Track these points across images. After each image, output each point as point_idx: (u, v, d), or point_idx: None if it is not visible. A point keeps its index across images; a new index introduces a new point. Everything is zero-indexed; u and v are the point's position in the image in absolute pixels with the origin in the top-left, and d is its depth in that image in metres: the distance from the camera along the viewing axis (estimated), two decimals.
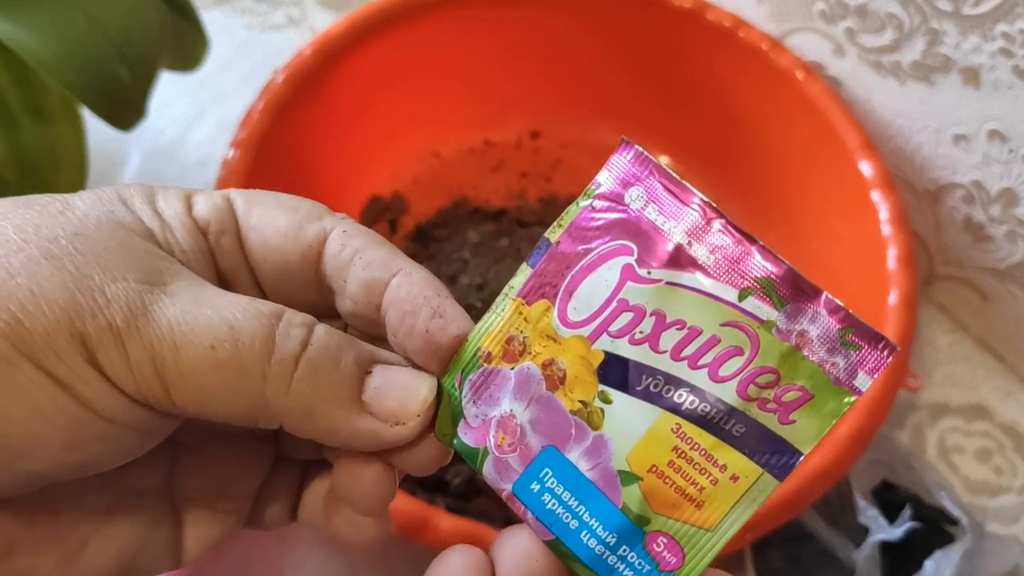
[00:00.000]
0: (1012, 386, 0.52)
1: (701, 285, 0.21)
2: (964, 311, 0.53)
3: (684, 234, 0.21)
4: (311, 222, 0.23)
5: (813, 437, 0.21)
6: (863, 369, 0.21)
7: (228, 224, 0.23)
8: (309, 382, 0.20)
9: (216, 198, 0.23)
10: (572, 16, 0.53)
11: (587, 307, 0.22)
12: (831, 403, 0.21)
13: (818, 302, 0.21)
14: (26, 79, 0.41)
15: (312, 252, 0.23)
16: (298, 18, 0.64)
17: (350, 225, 0.23)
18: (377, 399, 0.21)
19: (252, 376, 0.20)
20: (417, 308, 0.22)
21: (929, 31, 0.44)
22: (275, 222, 0.23)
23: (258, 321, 0.20)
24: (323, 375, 0.21)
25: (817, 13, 0.48)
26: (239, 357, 0.20)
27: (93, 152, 0.46)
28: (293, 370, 0.20)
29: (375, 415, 0.21)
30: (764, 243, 0.21)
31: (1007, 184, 0.46)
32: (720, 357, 0.21)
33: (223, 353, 0.20)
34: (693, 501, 0.21)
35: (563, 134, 0.57)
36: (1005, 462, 0.50)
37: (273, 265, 0.23)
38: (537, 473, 0.22)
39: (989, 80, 0.43)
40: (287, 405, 0.20)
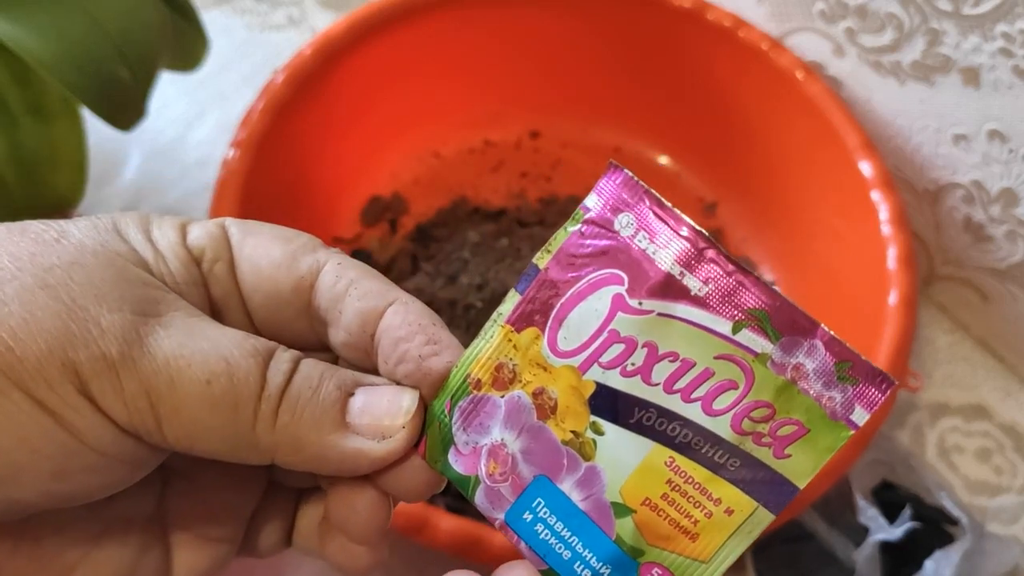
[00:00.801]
0: (1012, 386, 0.52)
1: (694, 317, 0.21)
2: (964, 311, 0.53)
3: (675, 263, 0.21)
4: (305, 254, 0.23)
5: (809, 471, 0.21)
6: (860, 404, 0.20)
7: (222, 252, 0.23)
8: (292, 413, 0.21)
9: (211, 226, 0.23)
10: (572, 16, 0.53)
11: (577, 337, 0.21)
12: (827, 438, 0.20)
13: (814, 335, 0.20)
14: (26, 79, 0.41)
15: (305, 283, 0.23)
16: (298, 18, 0.64)
17: (344, 258, 0.23)
18: (361, 417, 0.21)
19: (245, 413, 0.20)
20: (411, 335, 0.22)
21: (929, 31, 0.44)
22: (269, 252, 0.23)
23: (253, 358, 0.21)
24: (305, 403, 0.21)
25: (817, 13, 0.48)
26: (235, 393, 0.20)
27: (93, 152, 0.46)
28: (278, 405, 0.21)
29: (361, 434, 0.21)
30: (759, 275, 0.21)
31: (1007, 184, 0.46)
32: (714, 391, 0.21)
33: (218, 389, 0.20)
34: (687, 533, 0.21)
35: (563, 134, 0.57)
36: (1005, 462, 0.50)
37: (264, 295, 0.23)
38: (529, 503, 0.22)
39: (989, 80, 0.43)
40: (275, 440, 0.21)
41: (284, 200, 0.48)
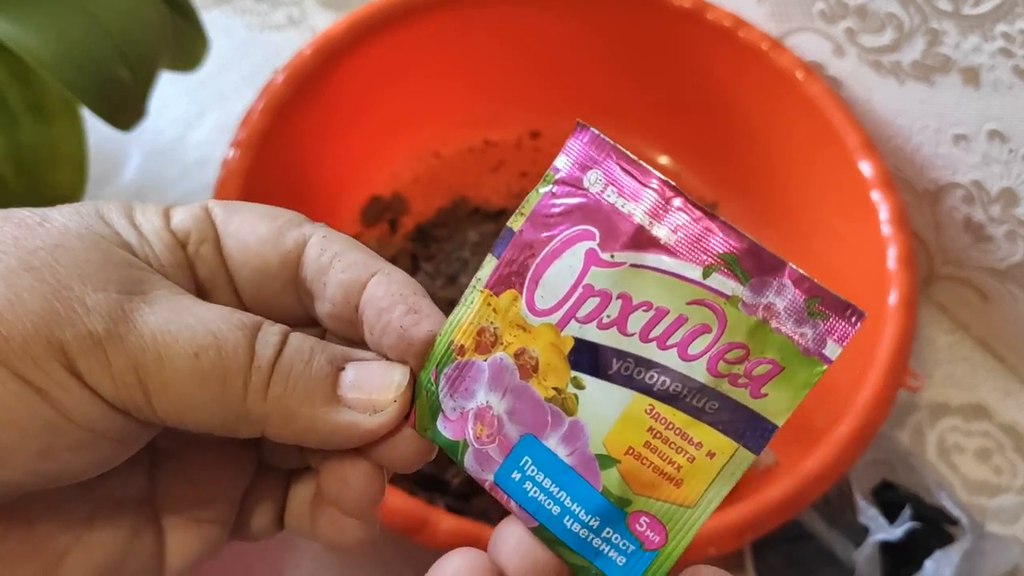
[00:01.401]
0: (1012, 386, 0.52)
1: (665, 265, 0.21)
2: (964, 311, 0.53)
3: (645, 215, 0.21)
4: (291, 229, 0.23)
5: (786, 408, 0.21)
6: (832, 338, 0.21)
7: (207, 233, 0.23)
8: (284, 385, 0.21)
9: (195, 209, 0.23)
10: (573, 16, 0.53)
11: (553, 294, 0.22)
12: (802, 374, 0.21)
13: (783, 274, 0.21)
14: (26, 78, 0.41)
15: (291, 257, 0.23)
16: (298, 18, 0.64)
17: (328, 231, 0.24)
18: (352, 391, 0.22)
19: (234, 385, 0.20)
20: (392, 305, 0.22)
21: (929, 31, 0.44)
22: (255, 229, 0.23)
23: (240, 331, 0.21)
24: (297, 376, 0.21)
25: (817, 13, 0.48)
26: (223, 366, 0.20)
27: (93, 152, 0.46)
28: (270, 376, 0.21)
29: (352, 407, 0.21)
30: (724, 219, 0.21)
31: (1007, 184, 0.46)
32: (688, 336, 0.21)
33: (207, 362, 0.20)
34: (672, 480, 0.21)
35: (563, 134, 0.56)
36: (1005, 462, 0.50)
37: (252, 270, 0.23)
38: (517, 462, 0.22)
39: (989, 80, 0.43)
40: (266, 411, 0.21)
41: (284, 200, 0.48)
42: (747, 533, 0.38)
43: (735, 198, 0.54)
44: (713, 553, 0.37)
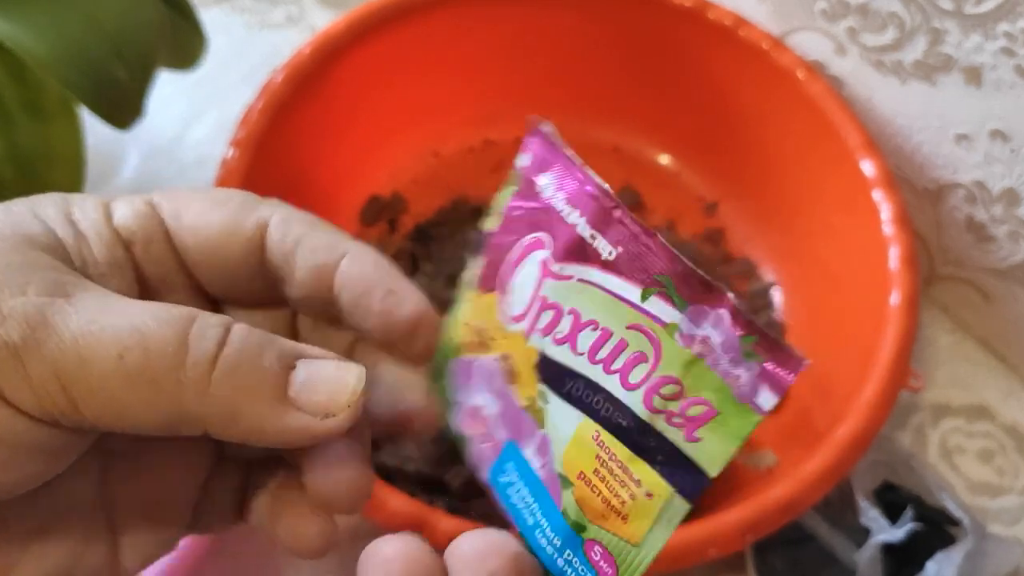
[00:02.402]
0: (1014, 387, 0.52)
1: (607, 283, 0.19)
2: (966, 311, 0.53)
3: (587, 225, 0.20)
4: (247, 213, 0.22)
5: (720, 459, 0.19)
6: (766, 385, 0.18)
7: (155, 231, 0.22)
8: (229, 383, 0.19)
9: (138, 204, 0.22)
10: (573, 15, 0.53)
11: (520, 302, 0.21)
12: (736, 421, 0.18)
13: (721, 303, 0.18)
14: (23, 77, 0.40)
15: (253, 244, 0.22)
16: (297, 17, 0.64)
17: (286, 211, 0.23)
18: (305, 393, 0.20)
19: (166, 384, 0.19)
20: (370, 288, 0.22)
21: (931, 30, 0.44)
22: (209, 219, 0.22)
23: (170, 326, 0.19)
24: (244, 374, 0.20)
25: (818, 12, 0.48)
26: (150, 365, 0.19)
27: (91, 151, 0.46)
28: (210, 372, 0.19)
29: (304, 409, 0.20)
30: (662, 237, 0.19)
31: (1009, 184, 0.46)
32: (629, 363, 0.19)
33: (133, 362, 0.19)
34: (619, 514, 0.19)
35: (563, 133, 0.56)
36: (1007, 463, 0.50)
37: (214, 262, 0.22)
38: (503, 465, 0.21)
39: (991, 79, 0.43)
40: (207, 410, 0.19)
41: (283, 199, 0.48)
42: (748, 534, 0.38)
43: (735, 198, 0.54)
44: (713, 554, 0.37)
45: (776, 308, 0.51)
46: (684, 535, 0.37)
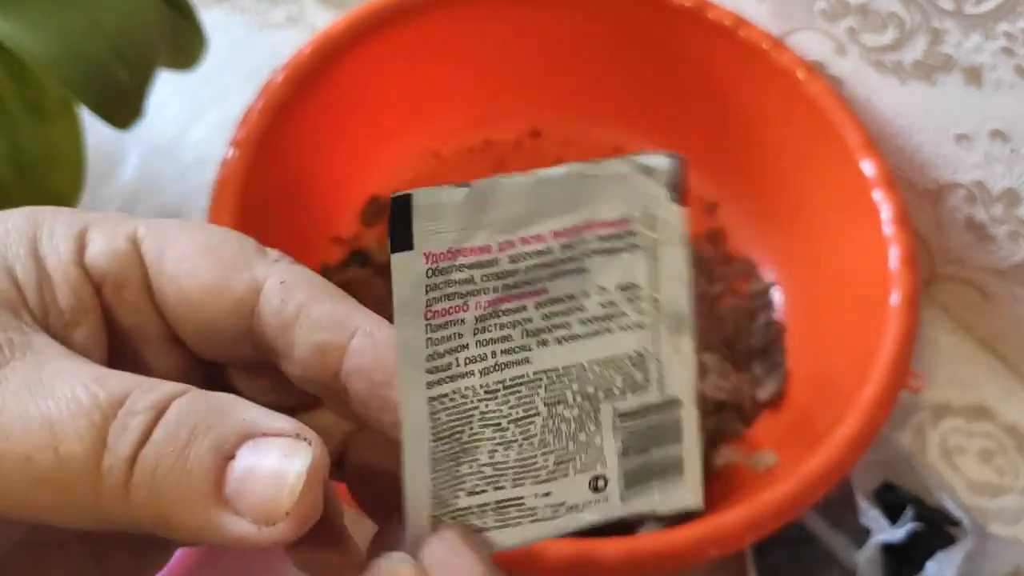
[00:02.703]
0: (1014, 386, 0.52)
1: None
2: (966, 311, 0.53)
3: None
4: (239, 270, 0.19)
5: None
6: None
7: (131, 275, 0.19)
8: (149, 489, 0.16)
9: (118, 239, 0.19)
10: (572, 15, 0.53)
11: None
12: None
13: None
14: (24, 77, 0.40)
15: (243, 308, 0.19)
16: (297, 16, 0.64)
17: (287, 271, 0.19)
18: (240, 495, 0.16)
19: (81, 491, 0.16)
20: (389, 377, 0.18)
21: (931, 30, 0.44)
22: (195, 271, 0.19)
23: (87, 418, 0.16)
24: (165, 476, 0.16)
25: (818, 12, 0.48)
26: (61, 470, 0.16)
27: (91, 152, 0.46)
28: (128, 476, 0.16)
29: (241, 515, 0.17)
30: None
31: (1009, 184, 0.46)
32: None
33: (42, 465, 0.16)
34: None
35: (564, 133, 0.57)
36: (1007, 463, 0.50)
37: (196, 323, 0.19)
38: None
39: (991, 79, 0.43)
40: (133, 517, 0.16)
41: (283, 199, 0.48)
42: (748, 534, 0.38)
43: (736, 198, 0.54)
44: (714, 554, 0.37)
45: (776, 308, 0.51)
46: (684, 535, 0.37)
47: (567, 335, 0.20)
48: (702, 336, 0.49)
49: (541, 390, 0.20)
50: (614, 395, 0.20)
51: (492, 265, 0.19)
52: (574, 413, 0.20)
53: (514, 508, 0.20)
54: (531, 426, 0.20)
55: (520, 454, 0.20)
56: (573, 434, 0.20)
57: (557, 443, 0.20)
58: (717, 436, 0.47)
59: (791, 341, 0.50)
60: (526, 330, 0.20)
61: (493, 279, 0.19)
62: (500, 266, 0.19)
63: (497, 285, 0.19)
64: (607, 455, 0.20)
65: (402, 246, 0.19)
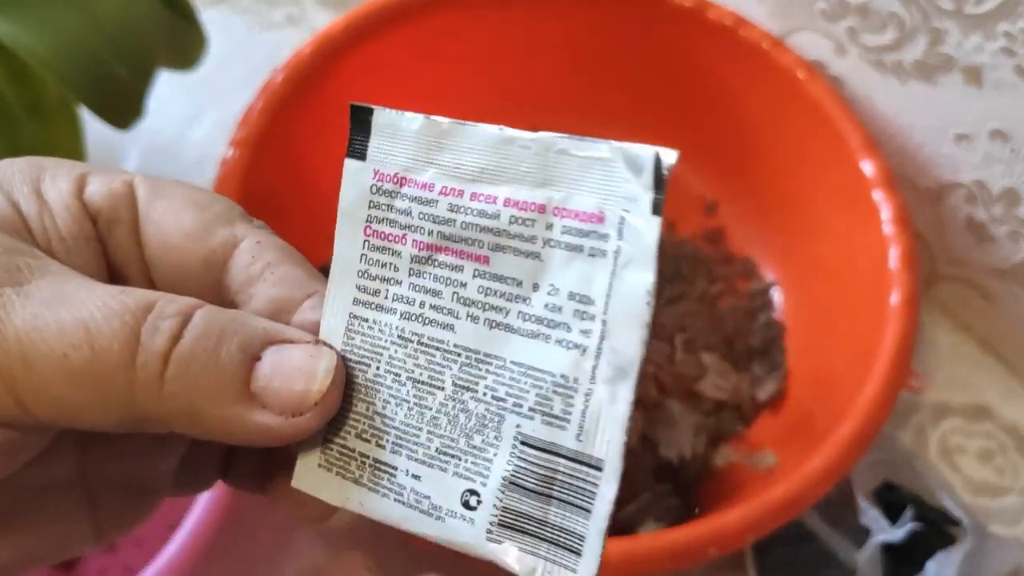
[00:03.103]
0: (1014, 387, 0.52)
1: None
2: (966, 311, 0.53)
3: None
4: (221, 225, 0.20)
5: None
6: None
7: (124, 213, 0.20)
8: (183, 382, 0.18)
9: (115, 182, 0.20)
10: (572, 15, 0.53)
11: None
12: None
13: None
14: (24, 77, 0.40)
15: (216, 258, 0.20)
16: (297, 17, 0.64)
17: (265, 236, 0.21)
18: (268, 389, 0.18)
19: (116, 384, 0.17)
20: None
21: (931, 30, 0.44)
22: (180, 219, 0.20)
23: (120, 319, 0.17)
24: (199, 371, 0.18)
25: (818, 12, 0.48)
26: (97, 365, 0.17)
27: (91, 151, 0.46)
28: (162, 371, 0.18)
29: (268, 408, 0.18)
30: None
31: (1009, 183, 0.45)
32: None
33: (78, 361, 0.17)
34: None
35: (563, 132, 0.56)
36: (1007, 463, 0.50)
37: (170, 266, 0.20)
38: None
39: (991, 79, 0.43)
40: (164, 410, 0.18)
41: (283, 199, 0.48)
42: (748, 534, 0.38)
43: (736, 198, 0.54)
44: (714, 554, 0.37)
45: (776, 308, 0.51)
46: (684, 535, 0.37)
47: (500, 321, 0.18)
48: (702, 336, 0.49)
49: (455, 366, 0.19)
50: (521, 411, 0.18)
51: (431, 205, 0.19)
52: (479, 409, 0.18)
53: (386, 476, 0.19)
54: (430, 397, 0.19)
55: (407, 418, 0.19)
56: (469, 431, 0.18)
57: (449, 430, 0.19)
58: (717, 436, 0.47)
59: (791, 341, 0.50)
60: (459, 296, 0.19)
61: (430, 221, 0.19)
62: (438, 210, 0.19)
63: (433, 229, 0.19)
64: (491, 473, 0.18)
65: (356, 155, 0.19)
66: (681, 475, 0.45)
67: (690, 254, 0.53)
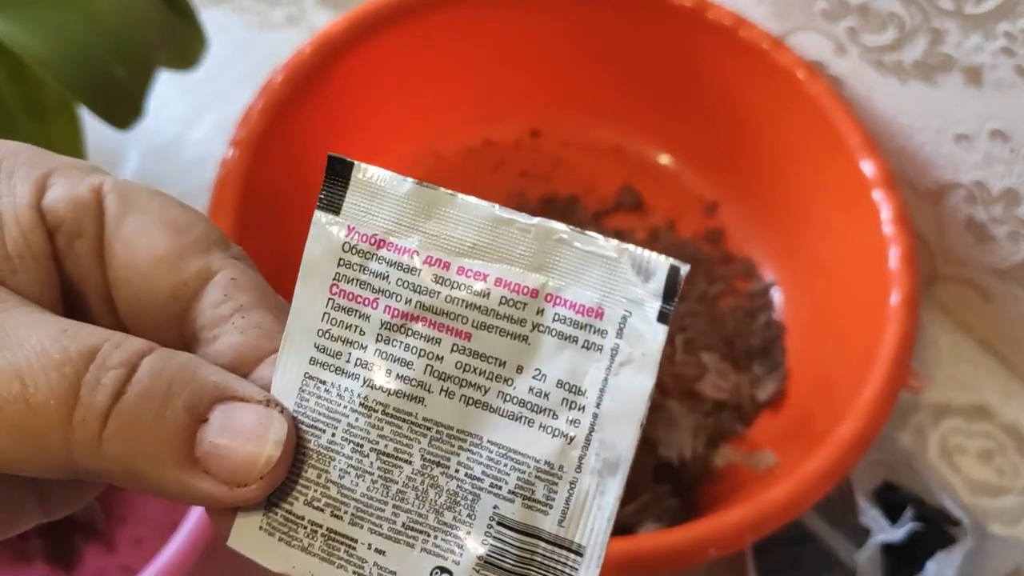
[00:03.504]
0: (1014, 387, 0.52)
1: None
2: (966, 311, 0.53)
3: None
4: (196, 253, 0.19)
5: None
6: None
7: (88, 227, 0.19)
8: (123, 443, 0.17)
9: (81, 188, 0.19)
10: (573, 15, 0.53)
11: None
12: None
13: None
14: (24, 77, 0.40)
15: (185, 291, 0.19)
16: (297, 17, 0.64)
17: (241, 272, 0.19)
18: (213, 456, 0.17)
19: (52, 441, 0.16)
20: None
21: (931, 30, 0.44)
22: (152, 241, 0.19)
23: (59, 371, 0.16)
24: (140, 432, 0.17)
25: (818, 12, 0.48)
26: (32, 420, 0.16)
27: (91, 152, 0.46)
28: (101, 430, 0.16)
29: (212, 475, 0.17)
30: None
31: (1009, 184, 0.45)
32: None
33: (12, 415, 0.16)
34: None
35: (563, 133, 0.57)
36: (1007, 463, 0.50)
37: (134, 292, 0.19)
38: None
39: (991, 79, 0.43)
40: (101, 468, 0.17)
41: (283, 199, 0.48)
42: (748, 534, 0.38)
43: (736, 198, 0.54)
44: (714, 554, 0.37)
45: (776, 308, 0.51)
46: (684, 535, 0.37)
47: (478, 399, 0.18)
48: (702, 336, 0.50)
49: (424, 440, 0.18)
50: (500, 492, 0.17)
51: (412, 273, 0.18)
52: (451, 486, 0.18)
53: (344, 548, 0.18)
54: (396, 471, 0.18)
55: (370, 491, 0.18)
56: (439, 507, 0.18)
57: (417, 505, 0.18)
58: (717, 436, 0.47)
59: (791, 341, 0.50)
60: (433, 369, 0.18)
61: (409, 290, 0.18)
62: (420, 280, 0.18)
63: (412, 298, 0.18)
64: (465, 553, 0.18)
65: (328, 208, 0.18)
66: (681, 475, 0.45)
67: (690, 254, 0.53)
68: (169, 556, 0.37)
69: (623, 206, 0.54)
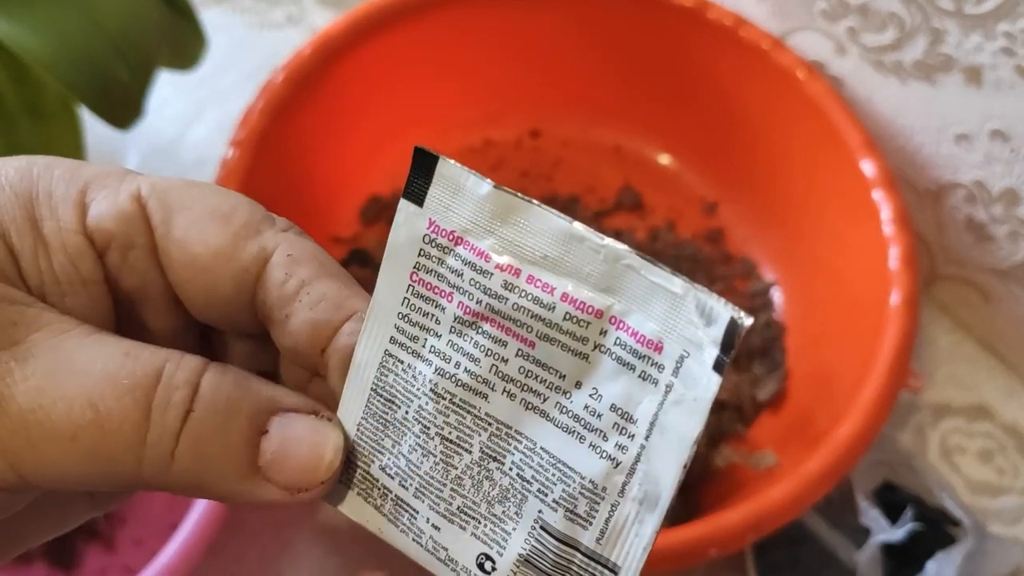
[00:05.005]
0: (1014, 386, 0.52)
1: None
2: (966, 311, 0.53)
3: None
4: (248, 237, 0.19)
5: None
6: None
7: (138, 237, 0.19)
8: (192, 459, 0.17)
9: (123, 200, 0.19)
10: (573, 15, 0.53)
11: None
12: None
13: None
14: (24, 77, 0.40)
15: (248, 277, 0.19)
16: (297, 17, 0.64)
17: (295, 243, 0.19)
18: (276, 466, 0.18)
19: (126, 463, 0.17)
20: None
21: (931, 30, 0.44)
22: (204, 237, 0.19)
23: (131, 396, 0.17)
24: (209, 447, 0.18)
25: (818, 12, 0.48)
26: (106, 447, 0.17)
27: (91, 152, 0.46)
28: (174, 448, 0.17)
29: (274, 483, 0.18)
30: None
31: (1009, 184, 0.46)
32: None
33: (87, 443, 0.17)
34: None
35: (564, 133, 0.57)
36: (1007, 463, 0.50)
37: (199, 288, 0.19)
38: None
39: (991, 79, 0.43)
40: (171, 481, 0.18)
41: (283, 199, 0.48)
42: (748, 534, 0.38)
43: (736, 198, 0.54)
44: (714, 554, 0.37)
45: (776, 308, 0.51)
46: (684, 535, 0.37)
47: (537, 406, 0.18)
48: None
49: (484, 434, 0.19)
50: (546, 499, 0.18)
51: (484, 276, 0.18)
52: (504, 482, 0.19)
53: (407, 515, 0.19)
54: (456, 457, 0.19)
55: (432, 471, 0.19)
56: (492, 499, 0.19)
57: (472, 493, 0.19)
58: (717, 436, 0.47)
59: (791, 341, 0.50)
60: (497, 369, 0.18)
61: (480, 291, 0.18)
62: (491, 283, 0.18)
63: (482, 299, 0.18)
64: (509, 546, 0.19)
65: (412, 198, 0.19)
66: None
67: (690, 254, 0.53)
68: (169, 556, 0.37)
69: (623, 206, 0.54)
